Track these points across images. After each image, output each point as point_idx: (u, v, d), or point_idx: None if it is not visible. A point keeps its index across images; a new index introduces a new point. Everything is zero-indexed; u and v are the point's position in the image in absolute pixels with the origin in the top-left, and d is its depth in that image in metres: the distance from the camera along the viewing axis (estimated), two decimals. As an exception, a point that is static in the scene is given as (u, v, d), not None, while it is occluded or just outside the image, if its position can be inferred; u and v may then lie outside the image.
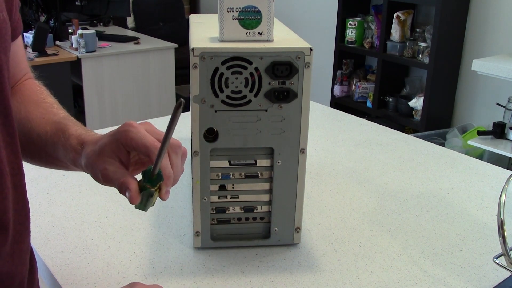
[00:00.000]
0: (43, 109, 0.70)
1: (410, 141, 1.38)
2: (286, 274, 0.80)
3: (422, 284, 0.79)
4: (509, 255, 0.73)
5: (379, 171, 1.19)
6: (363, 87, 3.43)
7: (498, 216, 0.74)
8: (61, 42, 3.43)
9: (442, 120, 3.09)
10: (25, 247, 0.62)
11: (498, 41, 2.83)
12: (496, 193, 1.10)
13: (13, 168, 0.58)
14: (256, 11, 0.76)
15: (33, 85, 0.74)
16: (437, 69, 2.91)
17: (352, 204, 1.03)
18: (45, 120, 0.68)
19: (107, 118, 3.39)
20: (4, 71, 0.55)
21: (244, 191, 0.84)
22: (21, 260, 0.61)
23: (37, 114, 0.69)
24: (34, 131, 0.67)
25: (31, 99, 0.71)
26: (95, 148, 0.62)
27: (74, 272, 0.80)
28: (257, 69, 0.75)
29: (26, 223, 0.62)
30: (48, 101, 0.72)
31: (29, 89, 0.72)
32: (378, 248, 0.88)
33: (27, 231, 0.62)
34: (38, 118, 0.68)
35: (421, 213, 1.01)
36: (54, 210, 0.98)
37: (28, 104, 0.70)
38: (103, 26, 4.10)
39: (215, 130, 0.78)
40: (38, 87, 0.74)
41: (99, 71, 3.29)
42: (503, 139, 2.53)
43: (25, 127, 0.68)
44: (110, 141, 0.61)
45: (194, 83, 0.75)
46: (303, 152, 0.80)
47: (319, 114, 1.59)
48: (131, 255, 0.84)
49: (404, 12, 3.07)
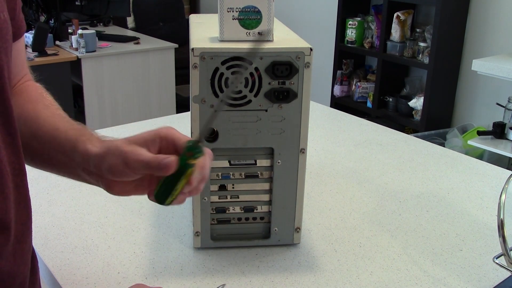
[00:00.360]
0: (54, 109, 0.69)
1: (410, 141, 1.38)
2: (286, 274, 0.80)
3: (422, 284, 0.79)
4: (509, 255, 0.73)
5: (379, 171, 1.19)
6: (363, 87, 3.43)
7: (498, 216, 0.74)
8: (61, 42, 3.43)
9: (442, 120, 3.09)
10: (27, 247, 0.62)
11: (498, 41, 2.83)
12: (496, 193, 1.10)
13: (14, 168, 0.58)
14: (256, 11, 0.76)
15: (38, 88, 0.73)
16: (437, 69, 2.91)
17: (352, 204, 1.03)
18: (56, 118, 0.67)
19: (107, 118, 3.39)
20: (5, 71, 0.55)
21: (244, 191, 0.84)
22: (23, 260, 0.61)
23: (47, 113, 0.67)
24: (43, 127, 0.65)
25: (38, 100, 0.70)
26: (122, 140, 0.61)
27: (74, 272, 0.80)
28: (257, 69, 0.75)
29: (28, 223, 0.62)
30: (56, 106, 0.71)
31: (35, 91, 0.72)
32: (378, 248, 0.88)
33: (29, 231, 0.62)
34: (48, 117, 0.67)
35: (421, 213, 1.01)
36: (54, 210, 0.98)
37: (36, 104, 0.69)
38: (103, 26, 4.10)
39: (215, 130, 0.78)
40: (43, 90, 0.74)
41: (99, 71, 3.29)
42: (503, 139, 2.53)
43: (33, 125, 0.66)
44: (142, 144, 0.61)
45: (194, 83, 0.75)
46: (303, 152, 0.80)
47: (319, 114, 1.59)
48: (131, 255, 0.84)
49: (404, 12, 3.07)
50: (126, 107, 3.46)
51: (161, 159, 0.57)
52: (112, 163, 0.59)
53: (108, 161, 0.59)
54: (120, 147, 0.59)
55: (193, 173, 0.58)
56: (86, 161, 0.62)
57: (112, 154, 0.59)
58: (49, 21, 3.44)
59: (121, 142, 0.60)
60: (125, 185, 0.62)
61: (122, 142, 0.60)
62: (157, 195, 0.60)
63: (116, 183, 0.62)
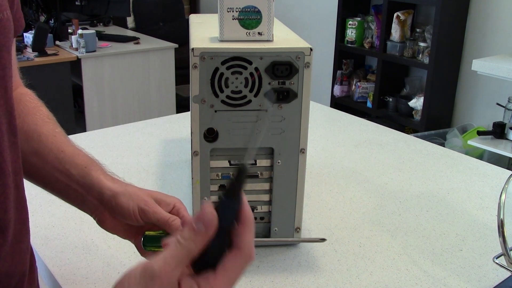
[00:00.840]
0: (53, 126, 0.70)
1: (410, 141, 1.38)
2: (286, 274, 0.80)
3: (422, 284, 0.79)
4: (509, 255, 0.73)
5: (379, 171, 1.19)
6: (363, 87, 3.43)
7: (498, 216, 0.74)
8: (61, 42, 3.43)
9: (442, 120, 3.09)
10: (25, 246, 0.62)
11: (498, 41, 2.83)
12: (496, 193, 1.10)
13: (15, 168, 0.58)
14: (256, 11, 0.76)
15: (33, 98, 0.73)
16: (437, 69, 2.91)
17: (352, 204, 1.03)
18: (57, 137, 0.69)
19: (107, 118, 3.39)
20: (7, 70, 0.55)
21: (244, 191, 0.83)
22: (21, 260, 0.61)
23: (48, 130, 0.69)
24: (45, 147, 0.67)
25: (35, 112, 0.71)
26: (138, 188, 0.67)
27: (74, 272, 0.80)
28: (257, 69, 0.75)
29: (26, 222, 0.62)
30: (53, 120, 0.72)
31: (30, 102, 0.72)
32: (378, 248, 0.88)
33: (27, 230, 0.62)
34: (50, 135, 0.68)
35: (421, 213, 1.01)
36: (54, 210, 0.98)
37: (34, 116, 0.70)
38: (103, 26, 4.10)
39: (215, 130, 0.78)
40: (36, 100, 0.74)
41: (99, 71, 3.29)
42: (503, 139, 2.53)
43: (33, 142, 0.67)
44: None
45: (194, 83, 0.75)
46: (303, 152, 0.80)
47: (319, 114, 1.59)
48: (131, 255, 0.84)
49: (404, 12, 3.07)
50: (126, 107, 3.46)
51: (180, 224, 0.64)
52: (125, 204, 0.64)
53: (121, 200, 0.64)
54: (141, 195, 0.65)
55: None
56: (95, 189, 0.65)
57: (128, 195, 0.64)
58: (49, 21, 3.44)
59: (139, 190, 0.66)
60: (118, 225, 0.67)
61: (140, 190, 0.66)
62: (147, 239, 0.66)
63: (110, 220, 0.67)
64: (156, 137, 1.35)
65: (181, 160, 1.22)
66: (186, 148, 1.27)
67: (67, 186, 0.67)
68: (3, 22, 0.54)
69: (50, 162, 0.66)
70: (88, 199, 0.66)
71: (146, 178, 1.13)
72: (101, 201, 0.65)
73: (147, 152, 1.26)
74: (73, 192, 0.67)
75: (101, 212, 0.67)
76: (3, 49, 0.54)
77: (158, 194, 0.67)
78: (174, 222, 0.64)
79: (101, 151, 1.26)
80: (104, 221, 0.67)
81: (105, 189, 0.65)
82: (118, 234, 0.69)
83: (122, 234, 0.68)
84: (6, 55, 0.55)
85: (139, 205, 0.64)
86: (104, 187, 0.65)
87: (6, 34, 0.54)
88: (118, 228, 0.68)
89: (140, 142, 1.32)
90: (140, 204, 0.64)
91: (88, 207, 0.67)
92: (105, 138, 1.34)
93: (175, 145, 1.30)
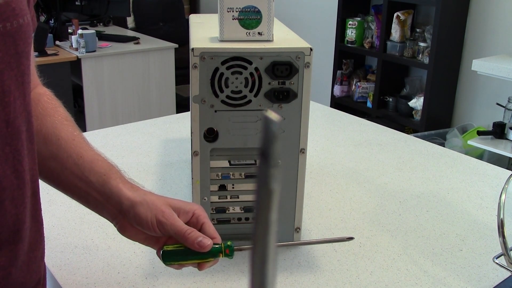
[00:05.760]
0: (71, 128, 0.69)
1: (410, 141, 1.38)
2: (286, 274, 0.80)
3: (422, 284, 0.79)
4: (509, 255, 0.73)
5: (379, 171, 1.19)
6: (363, 87, 3.43)
7: (498, 216, 0.74)
8: (61, 42, 3.43)
9: (442, 120, 3.09)
10: (40, 254, 0.61)
11: (498, 41, 2.83)
12: (496, 193, 1.10)
13: (32, 175, 0.57)
14: (256, 11, 0.76)
15: (51, 98, 0.71)
16: (437, 69, 2.91)
17: (352, 204, 1.03)
18: (76, 141, 0.67)
19: (107, 118, 3.39)
20: (26, 77, 0.53)
21: (244, 191, 0.84)
22: (36, 268, 0.60)
23: (66, 133, 0.67)
24: (64, 152, 0.66)
25: (54, 114, 0.69)
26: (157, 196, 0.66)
27: (74, 272, 0.80)
28: (257, 69, 0.75)
29: (41, 229, 0.61)
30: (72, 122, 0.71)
31: (48, 102, 0.70)
32: (378, 248, 0.88)
33: (41, 238, 0.61)
34: (69, 139, 0.67)
35: (421, 213, 1.01)
36: (54, 210, 0.98)
37: (52, 118, 0.68)
38: (103, 26, 4.10)
39: (215, 130, 0.78)
40: (54, 99, 0.72)
41: (99, 71, 3.29)
42: (503, 139, 2.53)
43: (53, 146, 0.66)
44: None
45: (194, 83, 0.75)
46: (303, 152, 0.80)
47: (319, 114, 1.59)
48: (131, 255, 0.84)
49: (404, 12, 3.07)
50: (126, 107, 3.46)
51: (196, 237, 0.62)
52: (143, 214, 0.63)
53: (139, 210, 0.63)
54: (159, 205, 0.63)
55: (209, 263, 0.64)
56: (114, 199, 0.64)
57: (147, 206, 0.63)
58: (49, 21, 3.44)
59: (157, 199, 0.64)
60: (138, 233, 0.66)
61: (158, 199, 0.65)
62: (165, 254, 0.65)
63: (130, 228, 0.65)
64: (156, 137, 1.35)
65: (181, 160, 1.22)
66: (186, 148, 1.27)
67: (86, 193, 0.65)
68: (23, 28, 0.52)
69: (69, 168, 0.65)
70: (108, 207, 0.65)
71: (146, 178, 1.12)
72: (120, 210, 0.64)
73: (147, 152, 1.26)
74: (93, 199, 0.65)
75: (121, 221, 0.65)
76: (22, 55, 0.52)
77: (177, 202, 0.66)
78: (190, 235, 0.62)
79: (101, 151, 1.26)
80: (125, 229, 0.66)
81: (124, 199, 0.64)
82: (140, 242, 0.67)
83: (144, 242, 0.67)
84: (25, 61, 0.53)
85: (157, 217, 0.62)
86: (123, 197, 0.64)
87: (26, 39, 0.53)
88: (139, 236, 0.66)
89: (140, 142, 1.32)
90: (158, 215, 0.62)
91: (108, 214, 0.66)
92: (105, 138, 1.34)
93: (175, 145, 1.30)
